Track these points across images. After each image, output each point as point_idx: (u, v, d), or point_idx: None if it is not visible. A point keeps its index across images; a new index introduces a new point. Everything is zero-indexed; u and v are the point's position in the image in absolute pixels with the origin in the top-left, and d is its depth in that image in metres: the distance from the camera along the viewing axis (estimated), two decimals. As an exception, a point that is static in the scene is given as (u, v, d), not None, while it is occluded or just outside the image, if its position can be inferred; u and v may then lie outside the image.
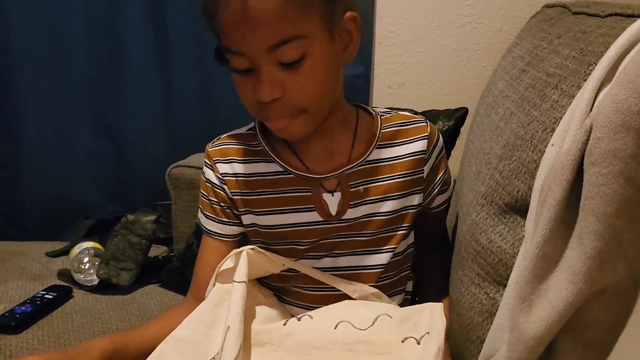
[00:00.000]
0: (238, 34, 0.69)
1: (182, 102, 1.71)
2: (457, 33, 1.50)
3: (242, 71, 0.73)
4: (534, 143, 0.71)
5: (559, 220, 0.54)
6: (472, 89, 1.51)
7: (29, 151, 1.71)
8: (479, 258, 0.79)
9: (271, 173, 0.85)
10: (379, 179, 0.85)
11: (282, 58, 0.71)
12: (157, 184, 1.52)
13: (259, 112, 0.76)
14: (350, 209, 0.84)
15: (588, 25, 0.74)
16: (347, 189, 0.83)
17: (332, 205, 0.83)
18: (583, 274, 0.51)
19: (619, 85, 0.51)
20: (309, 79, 0.73)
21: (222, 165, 0.87)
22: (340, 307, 0.80)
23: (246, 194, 0.86)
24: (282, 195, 0.84)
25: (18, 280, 1.27)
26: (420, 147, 0.86)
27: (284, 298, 0.90)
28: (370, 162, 0.85)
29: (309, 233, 0.84)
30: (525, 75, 0.82)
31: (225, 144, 0.88)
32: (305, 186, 0.84)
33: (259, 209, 0.85)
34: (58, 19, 1.62)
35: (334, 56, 0.76)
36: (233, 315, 0.71)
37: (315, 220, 0.84)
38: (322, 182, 0.83)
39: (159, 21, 1.64)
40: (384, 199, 0.84)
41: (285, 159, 0.85)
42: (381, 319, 0.74)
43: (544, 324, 0.53)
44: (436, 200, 0.92)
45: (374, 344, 0.70)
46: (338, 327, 0.73)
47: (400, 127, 0.87)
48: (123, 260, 1.26)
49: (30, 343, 1.02)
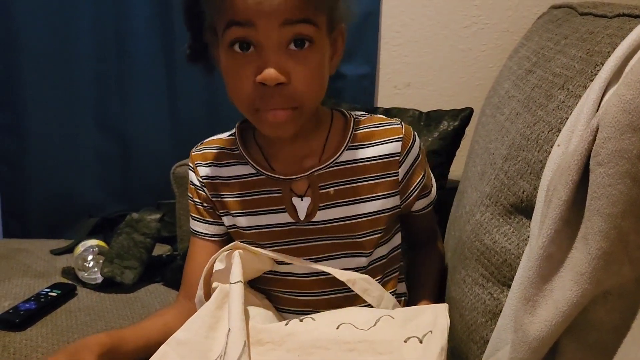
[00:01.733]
0: (253, 2, 0.67)
1: (187, 101, 1.71)
2: (463, 33, 1.50)
3: (243, 51, 0.70)
4: (539, 143, 0.70)
5: (564, 221, 0.54)
6: (478, 90, 1.50)
7: (34, 149, 1.72)
8: (482, 258, 0.78)
9: (246, 175, 0.85)
10: (350, 180, 0.83)
11: (295, 35, 0.69)
12: (162, 183, 1.52)
13: (256, 100, 0.72)
14: (320, 210, 0.83)
15: (595, 25, 0.74)
16: (316, 192, 0.82)
17: (301, 209, 0.83)
18: (588, 274, 0.51)
19: (626, 85, 0.51)
20: (312, 69, 0.72)
21: (203, 168, 0.88)
22: (342, 310, 0.80)
23: (223, 196, 0.87)
24: (255, 197, 0.85)
25: (22, 277, 1.27)
26: (393, 149, 0.83)
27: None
28: (341, 164, 0.83)
29: (281, 234, 0.84)
30: (532, 75, 0.82)
31: (206, 149, 0.90)
32: (276, 187, 0.84)
33: (236, 211, 0.86)
34: (64, 18, 1.63)
35: (328, 60, 0.77)
36: (234, 316, 0.71)
37: (287, 221, 0.84)
38: (292, 184, 0.83)
39: (164, 21, 1.64)
40: (357, 201, 0.83)
41: (259, 162, 0.85)
42: (383, 319, 0.74)
43: (548, 324, 0.53)
44: (417, 204, 0.90)
45: (375, 343, 0.69)
46: (340, 327, 0.73)
47: (373, 129, 0.85)
48: (127, 258, 1.26)
49: (34, 340, 1.02)
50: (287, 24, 0.68)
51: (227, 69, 0.74)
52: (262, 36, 0.68)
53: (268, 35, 0.68)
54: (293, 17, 0.68)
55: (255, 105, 0.73)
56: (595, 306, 0.53)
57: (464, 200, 0.93)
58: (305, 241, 0.84)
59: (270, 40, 0.69)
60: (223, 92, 0.75)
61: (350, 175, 0.83)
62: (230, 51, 0.71)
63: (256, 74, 0.70)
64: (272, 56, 0.69)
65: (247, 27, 0.68)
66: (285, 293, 0.87)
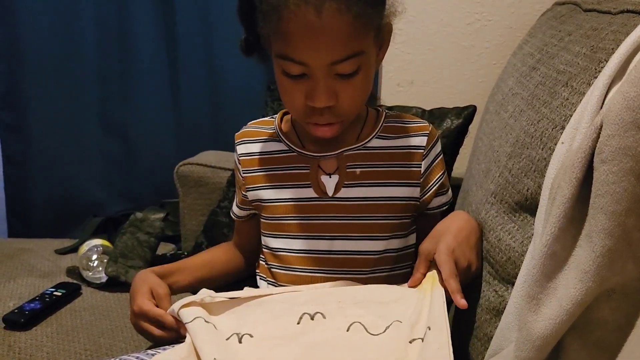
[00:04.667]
0: (304, 45, 0.72)
1: (190, 100, 1.71)
2: (466, 31, 1.50)
3: (295, 76, 0.76)
4: (543, 141, 0.70)
5: (568, 219, 0.53)
6: (482, 87, 1.50)
7: (38, 149, 1.72)
8: (487, 256, 0.78)
9: (277, 151, 0.91)
10: (376, 164, 0.88)
11: (341, 71, 0.75)
12: (165, 182, 1.52)
13: (306, 116, 0.80)
14: (344, 188, 0.87)
15: (599, 22, 0.73)
16: (344, 170, 0.87)
17: (330, 186, 0.87)
18: (592, 272, 0.50)
19: (630, 83, 0.50)
20: (359, 89, 0.78)
21: (240, 146, 0.95)
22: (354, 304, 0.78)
23: (254, 170, 0.92)
24: (283, 172, 0.90)
25: (27, 277, 1.28)
26: (419, 142, 0.89)
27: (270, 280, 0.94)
28: (370, 149, 0.89)
29: (303, 208, 0.88)
30: (536, 72, 0.82)
31: (248, 127, 0.97)
32: (305, 164, 0.89)
33: (262, 184, 0.91)
34: (68, 18, 1.63)
35: (374, 63, 0.81)
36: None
37: (311, 196, 0.88)
38: (321, 162, 0.88)
39: (167, 21, 1.65)
40: (379, 184, 0.87)
41: (292, 140, 0.91)
42: (394, 326, 0.73)
43: (552, 322, 0.53)
44: (434, 201, 0.92)
45: (382, 344, 0.69)
46: (350, 329, 0.73)
47: (403, 124, 0.91)
48: (131, 257, 1.27)
49: (39, 340, 1.02)
50: (335, 64, 0.74)
51: (279, 82, 0.80)
52: (312, 71, 0.75)
53: (318, 70, 0.74)
54: (340, 57, 0.73)
55: (304, 118, 0.81)
56: (599, 304, 0.53)
57: (468, 198, 0.93)
58: (325, 218, 0.87)
59: (320, 72, 0.74)
60: (226, 91, 0.76)
61: (377, 159, 0.88)
62: (283, 72, 0.77)
63: (306, 96, 0.77)
64: (322, 83, 0.75)
65: (300, 65, 0.74)
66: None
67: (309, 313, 0.76)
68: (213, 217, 1.33)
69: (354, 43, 0.73)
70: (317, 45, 0.72)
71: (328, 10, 0.69)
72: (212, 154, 1.51)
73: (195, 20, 1.64)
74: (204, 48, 1.67)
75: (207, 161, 1.44)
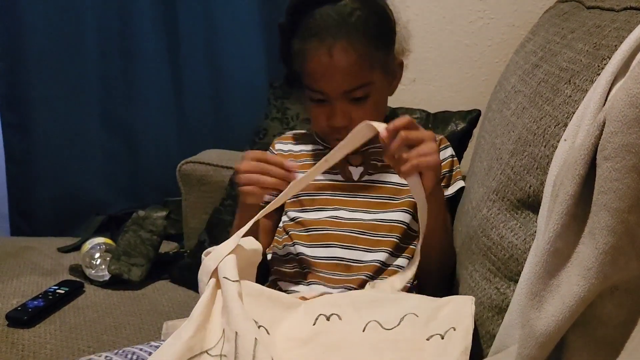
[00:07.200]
0: (322, 79, 0.94)
1: (193, 98, 1.71)
2: (469, 29, 1.49)
3: (318, 101, 0.97)
4: (546, 138, 0.70)
5: (571, 215, 0.53)
6: (484, 85, 1.49)
7: (41, 147, 1.72)
8: (489, 254, 0.78)
9: (312, 150, 1.09)
10: None
11: (353, 96, 0.95)
12: (168, 180, 1.52)
13: (329, 134, 1.00)
14: (367, 175, 1.03)
15: (602, 19, 0.73)
16: (368, 162, 1.04)
17: (355, 174, 1.04)
18: (595, 269, 0.50)
19: (633, 79, 0.50)
20: (370, 111, 0.95)
21: (278, 144, 1.12)
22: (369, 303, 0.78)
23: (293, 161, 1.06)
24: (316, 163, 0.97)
25: (30, 275, 1.28)
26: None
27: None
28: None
29: (330, 186, 1.03)
30: (538, 70, 0.82)
31: (287, 134, 1.16)
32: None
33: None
34: (70, 16, 1.63)
35: (387, 91, 1.03)
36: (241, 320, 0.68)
37: (338, 180, 1.03)
38: (349, 156, 0.99)
39: (169, 20, 1.65)
40: (393, 172, 0.98)
41: (326, 141, 1.07)
42: (407, 318, 0.73)
43: (555, 319, 0.53)
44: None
45: (398, 342, 0.69)
46: (366, 329, 0.73)
47: None
48: (134, 255, 1.27)
49: (43, 337, 1.02)
50: (347, 92, 0.94)
51: (309, 107, 1.00)
52: (329, 98, 0.96)
53: (334, 97, 0.95)
54: (350, 87, 0.94)
55: (327, 135, 1.03)
56: (602, 301, 0.53)
57: (470, 196, 0.93)
58: (349, 195, 1.02)
59: (336, 99, 0.95)
60: (228, 89, 0.76)
61: None
62: (310, 99, 0.98)
63: (327, 118, 0.97)
64: (338, 109, 0.96)
65: (319, 93, 0.96)
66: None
67: (324, 314, 0.76)
68: (217, 216, 1.33)
69: (360, 75, 0.93)
70: (329, 78, 0.93)
71: (337, 51, 0.91)
72: (214, 152, 1.51)
73: (197, 19, 1.64)
74: (206, 47, 1.66)
75: (210, 160, 1.44)
